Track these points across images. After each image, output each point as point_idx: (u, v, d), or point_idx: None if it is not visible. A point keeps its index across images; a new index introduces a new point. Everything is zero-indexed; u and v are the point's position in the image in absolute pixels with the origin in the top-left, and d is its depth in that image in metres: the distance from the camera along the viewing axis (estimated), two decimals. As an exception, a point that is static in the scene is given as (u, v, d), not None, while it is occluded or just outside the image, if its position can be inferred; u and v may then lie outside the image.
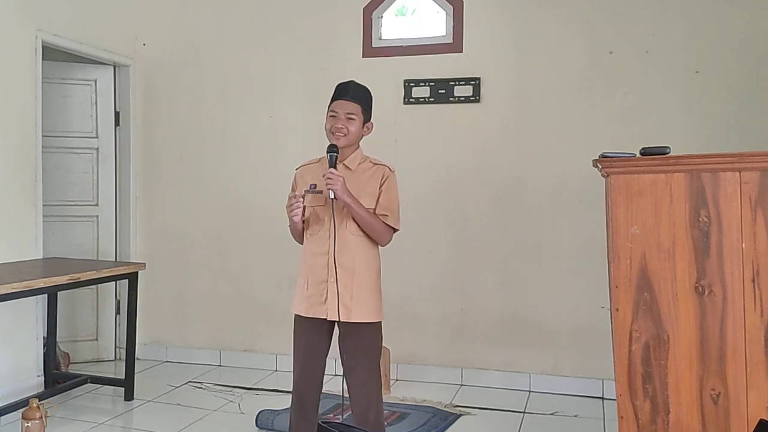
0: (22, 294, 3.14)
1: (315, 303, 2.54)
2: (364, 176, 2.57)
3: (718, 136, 3.71)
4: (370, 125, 2.62)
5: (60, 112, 4.55)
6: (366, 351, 2.57)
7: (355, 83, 2.61)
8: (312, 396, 2.62)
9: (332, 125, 2.54)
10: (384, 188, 2.56)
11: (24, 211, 3.89)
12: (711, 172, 2.04)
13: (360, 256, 2.54)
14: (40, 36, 3.97)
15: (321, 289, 2.52)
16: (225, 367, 4.61)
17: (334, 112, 2.55)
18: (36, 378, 3.95)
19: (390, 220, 2.56)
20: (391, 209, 2.57)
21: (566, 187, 4.00)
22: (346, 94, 2.55)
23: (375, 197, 2.54)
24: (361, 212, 2.48)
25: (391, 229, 2.59)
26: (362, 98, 2.58)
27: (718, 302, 2.03)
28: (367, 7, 4.35)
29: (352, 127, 2.53)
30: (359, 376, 2.55)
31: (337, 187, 2.41)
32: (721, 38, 3.78)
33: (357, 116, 2.54)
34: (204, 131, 4.69)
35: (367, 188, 2.54)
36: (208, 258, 4.68)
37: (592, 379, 3.94)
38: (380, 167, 2.60)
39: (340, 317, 2.49)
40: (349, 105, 2.53)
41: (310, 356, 2.59)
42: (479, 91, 4.15)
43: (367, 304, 2.55)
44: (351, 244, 2.52)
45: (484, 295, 4.16)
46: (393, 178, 2.61)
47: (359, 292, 2.53)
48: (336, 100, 2.56)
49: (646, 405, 2.08)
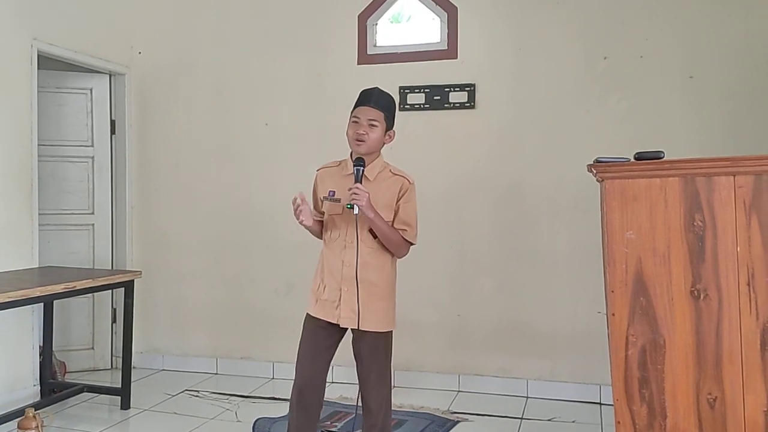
0: (18, 303, 3.13)
1: (328, 307, 2.56)
2: (383, 186, 2.56)
3: (712, 140, 3.73)
4: (392, 133, 2.60)
5: (55, 120, 4.55)
6: (378, 358, 2.59)
7: (380, 90, 2.59)
8: (314, 395, 2.61)
9: (354, 131, 2.53)
10: (403, 201, 2.56)
11: (20, 220, 3.88)
12: (705, 177, 2.05)
13: (375, 267, 2.55)
14: (35, 45, 3.98)
15: (335, 294, 2.54)
16: (222, 375, 4.59)
17: (356, 117, 2.54)
18: (32, 387, 3.93)
19: (408, 234, 2.58)
20: (410, 223, 2.58)
21: (562, 193, 4.01)
22: (369, 101, 2.54)
23: (392, 209, 2.55)
24: (382, 227, 2.49)
25: (408, 243, 2.60)
26: (385, 105, 2.56)
27: (714, 306, 2.03)
28: (362, 15, 4.37)
29: (373, 134, 2.51)
30: (370, 383, 2.58)
31: (362, 203, 2.40)
32: (715, 43, 3.80)
33: (379, 123, 2.52)
34: (200, 139, 4.69)
35: (384, 198, 2.54)
36: (204, 266, 4.67)
37: (590, 384, 3.93)
38: (399, 178, 2.59)
39: (349, 324, 2.53)
40: (372, 111, 2.52)
41: (316, 354, 2.59)
42: (474, 97, 4.16)
43: (380, 313, 2.57)
44: (367, 255, 2.53)
45: (481, 301, 4.16)
46: (412, 190, 2.61)
47: (373, 302, 2.54)
48: (359, 106, 2.55)
49: (643, 410, 2.07)
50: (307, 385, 2.58)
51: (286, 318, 4.31)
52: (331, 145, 4.22)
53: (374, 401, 2.57)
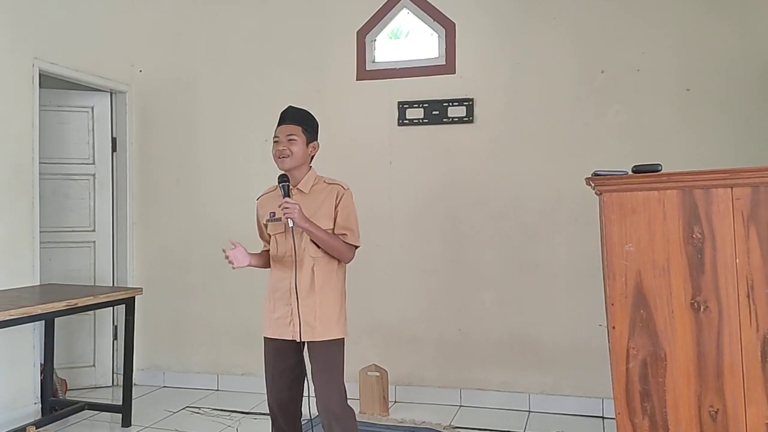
0: (20, 321, 3.13)
1: (282, 324, 2.61)
2: (320, 197, 2.64)
3: (710, 153, 3.74)
4: (315, 145, 2.71)
5: (57, 138, 4.57)
6: (329, 367, 2.60)
7: (293, 107, 2.71)
8: (287, 416, 2.65)
9: (276, 149, 2.64)
10: (340, 207, 2.63)
11: (21, 238, 3.89)
12: (703, 189, 2.06)
13: (321, 276, 2.60)
14: (37, 64, 4.01)
15: (286, 311, 2.59)
16: (223, 391, 4.58)
17: (276, 137, 2.66)
18: (33, 405, 3.92)
19: (349, 238, 2.63)
20: (350, 227, 2.64)
21: (561, 206, 4.02)
22: (286, 119, 2.66)
23: (332, 217, 2.62)
24: (320, 235, 2.55)
25: (352, 246, 2.65)
26: (301, 119, 2.66)
27: (714, 318, 2.03)
28: (360, 31, 4.41)
29: (294, 147, 2.62)
30: (324, 393, 2.58)
31: (294, 215, 2.49)
32: (712, 56, 3.83)
33: (298, 137, 2.62)
34: (200, 156, 4.71)
35: (322, 209, 2.61)
36: (205, 282, 4.67)
37: (592, 398, 3.92)
38: (334, 186, 2.67)
39: (302, 337, 2.56)
40: (289, 128, 2.63)
41: (279, 374, 2.64)
42: (473, 111, 4.19)
43: (332, 322, 2.61)
44: (312, 265, 2.59)
45: (481, 315, 4.15)
46: (348, 195, 2.67)
47: (322, 310, 2.59)
48: (277, 127, 2.67)
49: (645, 423, 2.07)
50: (275, 408, 2.66)
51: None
52: (330, 160, 4.25)
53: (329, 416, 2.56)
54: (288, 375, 2.65)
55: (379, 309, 4.26)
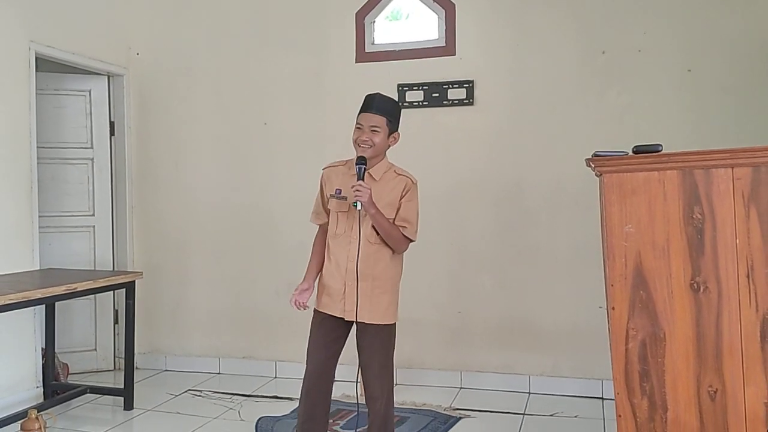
0: (20, 305, 3.14)
1: (333, 301, 2.65)
2: (388, 186, 2.66)
3: (711, 133, 3.72)
4: (396, 135, 2.70)
5: (54, 123, 4.55)
6: (379, 349, 2.65)
7: (381, 95, 2.68)
8: (321, 391, 2.69)
9: (357, 137, 2.64)
10: (405, 199, 2.66)
11: (20, 223, 3.89)
12: (703, 169, 2.05)
13: (379, 262, 2.64)
14: (33, 47, 3.98)
15: (339, 288, 2.63)
16: (224, 374, 4.60)
17: (359, 124, 2.64)
18: (35, 389, 3.93)
19: (408, 231, 2.67)
20: (410, 220, 2.67)
21: (562, 189, 4.01)
22: (371, 107, 2.63)
23: (395, 207, 2.65)
24: (383, 222, 2.59)
25: (408, 239, 2.69)
26: (387, 110, 2.65)
27: (714, 299, 2.03)
28: (359, 12, 4.37)
29: (376, 138, 2.61)
30: (372, 371, 2.64)
31: (364, 199, 2.51)
32: (714, 36, 3.79)
33: (381, 128, 2.61)
34: (198, 139, 4.69)
35: (388, 198, 2.64)
36: (205, 266, 4.68)
37: (592, 379, 3.94)
38: (404, 178, 2.69)
39: (357, 318, 2.59)
40: (374, 117, 2.61)
41: (322, 346, 2.68)
42: (473, 93, 4.16)
43: (382, 307, 2.65)
44: (371, 250, 2.62)
45: (482, 297, 4.16)
46: (415, 189, 2.70)
47: (376, 295, 2.63)
48: (362, 113, 2.65)
49: (644, 403, 2.08)
50: (315, 374, 2.68)
51: (288, 317, 4.30)
52: (331, 143, 4.24)
53: (377, 389, 2.64)
54: (330, 348, 2.69)
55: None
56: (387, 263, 2.67)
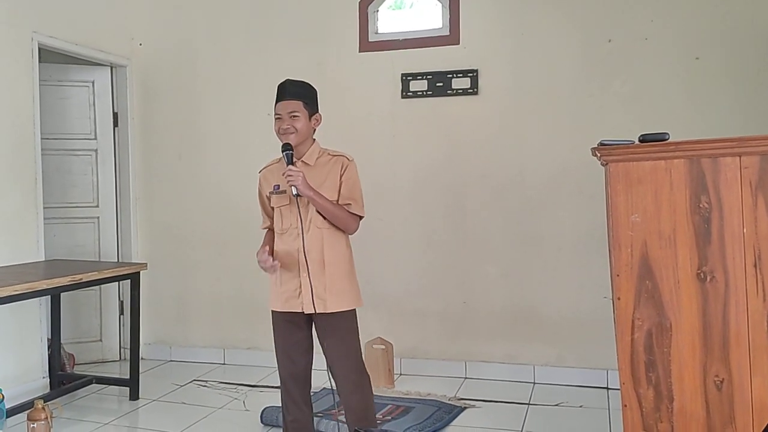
0: (25, 296, 3.15)
1: (290, 297, 2.59)
2: (324, 169, 2.61)
3: (718, 122, 3.69)
4: (318, 117, 2.66)
5: (58, 113, 4.55)
6: (343, 339, 2.60)
7: (291, 81, 2.65)
8: (300, 390, 2.67)
9: (279, 127, 2.60)
10: (344, 178, 2.60)
11: (25, 214, 3.89)
12: (711, 158, 2.02)
13: (329, 247, 2.58)
14: (36, 38, 3.97)
15: (294, 284, 2.57)
16: (229, 365, 4.61)
17: (278, 114, 2.60)
18: (41, 379, 3.95)
19: (354, 208, 2.61)
20: (354, 197, 2.61)
21: (566, 178, 3.99)
22: (285, 94, 2.60)
23: (336, 188, 2.59)
24: (324, 204, 2.53)
25: (357, 216, 2.63)
26: (301, 94, 2.61)
27: (720, 288, 2.01)
28: (362, 2, 4.34)
29: (297, 124, 2.57)
30: (337, 365, 2.59)
31: (298, 182, 2.46)
32: (721, 24, 3.76)
33: (300, 112, 2.58)
34: (202, 130, 4.68)
35: (327, 181, 2.59)
36: (209, 256, 4.68)
37: (597, 369, 3.93)
38: (339, 158, 2.64)
39: (315, 309, 2.53)
40: (290, 104, 2.58)
41: (291, 347, 2.65)
42: (477, 83, 4.14)
43: (341, 292, 2.59)
44: (319, 237, 2.57)
45: (485, 287, 4.15)
46: (353, 166, 2.64)
47: (332, 282, 2.57)
48: (277, 102, 2.61)
49: (650, 393, 2.07)
50: (289, 380, 2.66)
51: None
52: (333, 133, 4.20)
53: (347, 384, 2.59)
54: (299, 346, 2.65)
55: (384, 283, 4.25)
56: (337, 247, 2.60)
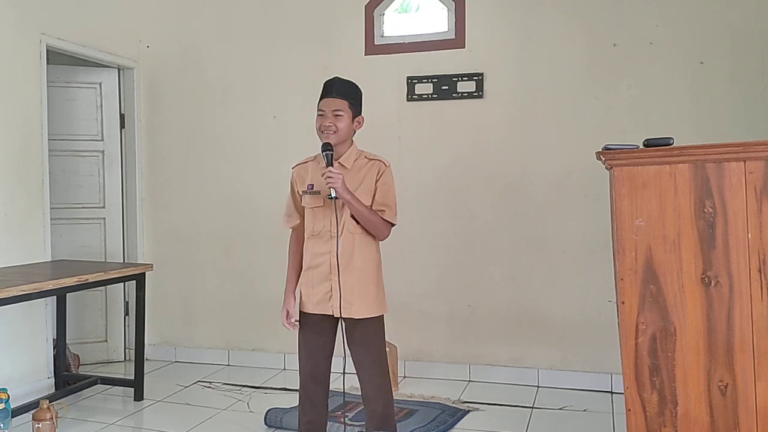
0: (32, 296, 3.17)
1: (320, 300, 2.57)
2: (361, 173, 2.58)
3: (723, 127, 3.69)
4: (360, 119, 2.62)
5: (65, 115, 4.57)
6: (371, 345, 2.60)
7: (340, 79, 2.61)
8: (319, 392, 2.65)
9: (321, 124, 2.55)
10: (380, 183, 2.57)
11: (32, 215, 3.92)
12: (715, 163, 2.03)
13: (359, 252, 2.56)
14: (44, 40, 3.99)
15: (326, 287, 2.55)
16: (233, 366, 4.62)
17: (321, 110, 2.56)
18: (46, 379, 3.97)
19: (387, 215, 2.57)
20: (388, 204, 2.58)
21: (571, 181, 3.99)
22: (332, 92, 2.55)
23: (371, 193, 2.56)
24: (360, 208, 2.49)
25: (389, 223, 2.60)
26: (348, 93, 2.57)
27: (725, 293, 2.01)
28: (368, 5, 4.35)
29: (340, 123, 2.53)
30: (365, 370, 2.59)
31: (337, 185, 2.43)
32: (726, 28, 3.76)
33: (344, 112, 2.54)
34: (208, 132, 4.70)
35: (363, 184, 2.56)
36: (214, 258, 4.70)
37: (601, 373, 3.93)
38: (376, 162, 2.60)
39: (342, 314, 2.52)
40: (335, 102, 2.53)
41: (315, 349, 2.63)
42: (482, 86, 4.15)
43: (370, 299, 2.58)
44: (351, 241, 2.55)
45: (490, 290, 4.15)
46: (389, 172, 2.61)
47: (361, 287, 2.56)
48: (323, 99, 2.57)
49: (654, 397, 2.07)
50: (310, 381, 2.64)
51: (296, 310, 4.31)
52: (340, 136, 4.23)
53: (372, 389, 2.59)
54: (324, 349, 2.63)
55: (389, 285, 4.19)
56: (367, 252, 2.59)
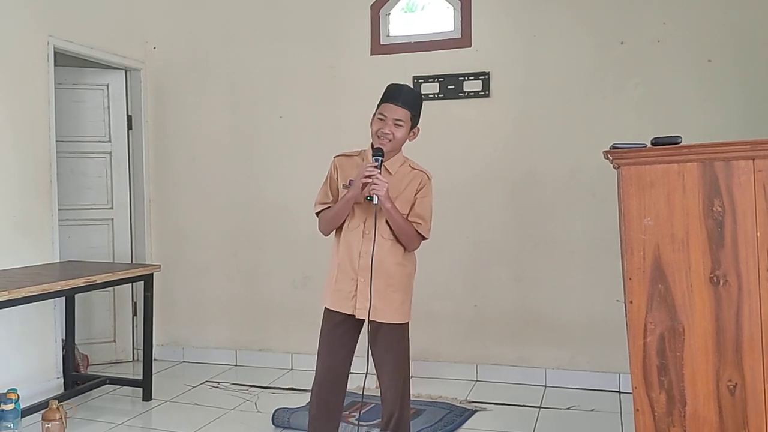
0: (40, 297, 3.18)
1: (344, 297, 2.56)
2: (403, 181, 2.57)
3: (731, 125, 3.67)
4: (416, 131, 2.60)
5: (73, 117, 4.59)
6: (393, 350, 2.58)
7: (408, 88, 2.59)
8: (334, 389, 2.62)
9: (379, 129, 2.51)
10: (420, 195, 2.57)
11: (40, 216, 3.94)
12: (724, 161, 2.01)
13: (390, 258, 2.54)
14: (51, 42, 4.01)
15: (351, 285, 2.54)
16: (241, 366, 4.63)
17: (382, 115, 2.51)
18: (55, 380, 3.99)
19: (422, 228, 2.57)
20: (424, 217, 2.58)
21: (578, 181, 3.98)
22: (398, 99, 2.50)
23: (410, 203, 2.55)
24: (397, 218, 2.48)
25: (421, 236, 2.59)
26: (412, 104, 2.53)
27: (734, 292, 2.00)
28: (374, 5, 4.35)
29: (399, 133, 2.51)
30: (386, 374, 2.59)
31: (381, 193, 2.40)
32: (734, 26, 3.73)
33: (405, 123, 2.51)
34: (215, 132, 4.72)
35: (404, 194, 2.55)
36: (221, 258, 4.71)
37: (609, 373, 3.91)
38: (419, 173, 2.60)
39: (363, 315, 2.51)
40: (399, 111, 2.50)
41: (334, 348, 2.61)
42: (489, 85, 4.14)
43: (396, 305, 2.56)
44: (385, 247, 2.53)
45: (497, 290, 4.15)
46: (429, 185, 2.61)
47: (389, 293, 2.54)
48: (385, 103, 2.52)
49: (662, 397, 2.06)
50: (326, 380, 2.62)
51: (304, 309, 4.33)
52: (346, 136, 4.23)
53: (390, 393, 2.59)
54: (344, 348, 2.61)
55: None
56: (400, 260, 2.57)
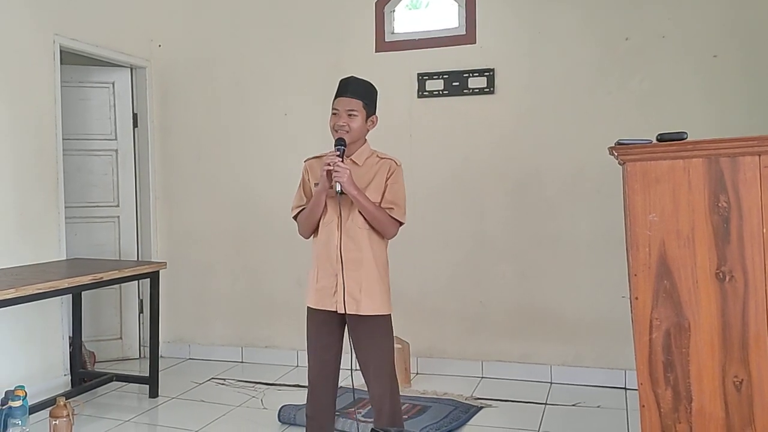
0: (47, 294, 3.20)
1: (325, 295, 2.55)
2: (371, 171, 2.58)
3: (736, 120, 3.66)
4: (374, 119, 2.62)
5: (79, 115, 4.61)
6: (377, 343, 2.57)
7: (355, 78, 2.61)
8: (327, 388, 2.63)
9: (334, 122, 2.56)
10: (390, 182, 2.56)
11: (47, 214, 3.96)
12: (730, 157, 2.01)
13: (367, 248, 2.54)
14: (57, 40, 4.03)
15: (331, 281, 2.54)
16: (247, 363, 4.65)
17: (335, 109, 2.57)
18: (63, 377, 4.02)
19: (396, 213, 2.56)
20: (397, 202, 2.56)
21: (583, 177, 3.97)
22: (347, 91, 2.56)
23: (381, 191, 2.55)
24: (367, 205, 2.48)
25: (397, 222, 2.58)
26: (363, 93, 2.57)
27: (740, 288, 2.00)
28: (379, 2, 4.35)
29: (354, 123, 2.53)
30: (371, 369, 2.57)
31: (343, 179, 2.42)
32: (739, 21, 3.72)
33: (359, 112, 2.54)
34: (220, 130, 4.73)
35: (374, 182, 2.55)
36: (227, 256, 4.72)
37: (614, 369, 3.91)
38: (387, 161, 2.60)
39: (347, 310, 2.50)
40: (350, 102, 2.53)
41: (323, 348, 2.61)
42: (494, 82, 4.13)
43: (376, 296, 2.54)
44: (358, 236, 2.53)
45: (502, 287, 4.15)
46: (399, 171, 2.60)
47: (368, 284, 2.53)
48: (337, 98, 2.58)
49: (668, 393, 2.06)
50: (317, 378, 2.63)
51: None
52: (351, 133, 4.24)
53: (377, 388, 2.57)
54: (332, 348, 2.61)
55: (401, 282, 4.25)
56: (375, 250, 2.56)
